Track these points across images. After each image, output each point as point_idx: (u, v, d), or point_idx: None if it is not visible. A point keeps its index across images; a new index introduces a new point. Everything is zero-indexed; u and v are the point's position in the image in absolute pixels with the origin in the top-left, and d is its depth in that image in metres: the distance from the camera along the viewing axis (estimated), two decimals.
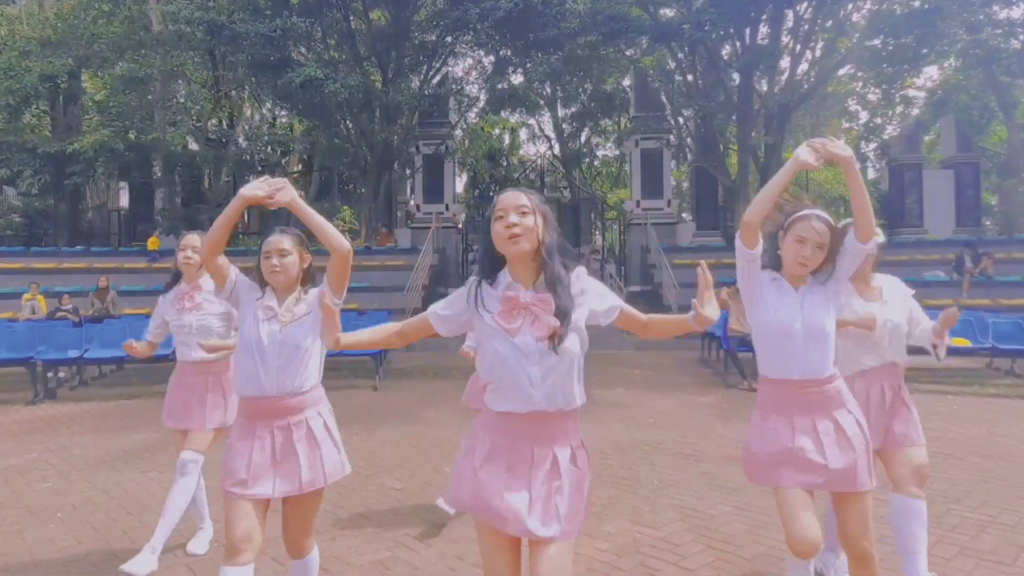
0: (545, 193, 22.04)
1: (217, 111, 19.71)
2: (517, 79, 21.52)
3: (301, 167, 27.26)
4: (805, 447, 2.35)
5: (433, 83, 18.62)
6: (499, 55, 17.91)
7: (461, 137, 26.06)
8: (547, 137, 30.67)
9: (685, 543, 3.69)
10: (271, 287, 2.57)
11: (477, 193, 28.68)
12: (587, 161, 30.60)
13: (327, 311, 2.18)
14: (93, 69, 18.76)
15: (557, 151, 29.08)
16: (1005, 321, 9.51)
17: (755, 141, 17.63)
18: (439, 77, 19.18)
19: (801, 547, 2.29)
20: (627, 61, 19.83)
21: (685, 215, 24.81)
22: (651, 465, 5.30)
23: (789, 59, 17.35)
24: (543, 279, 1.92)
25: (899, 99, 26.40)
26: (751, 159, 17.56)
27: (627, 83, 22.97)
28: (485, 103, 22.28)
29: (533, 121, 30.34)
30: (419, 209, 20.12)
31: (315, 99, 15.42)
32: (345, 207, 27.30)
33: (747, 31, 16.86)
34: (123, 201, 23.73)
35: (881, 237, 2.76)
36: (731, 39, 17.42)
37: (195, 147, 19.11)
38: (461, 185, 29.51)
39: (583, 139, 29.21)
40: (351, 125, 18.10)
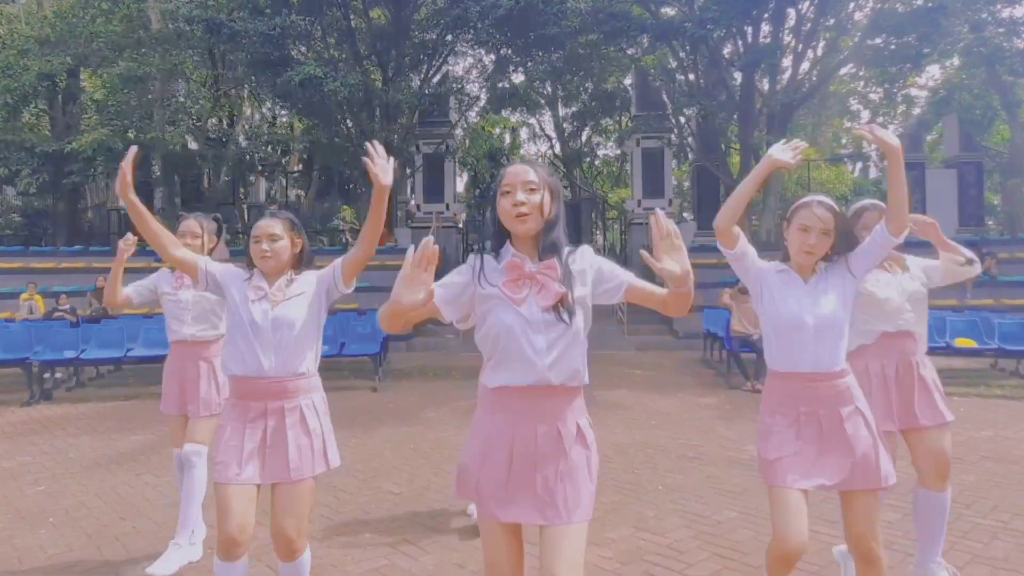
0: None
1: (216, 110, 19.63)
2: (518, 78, 21.41)
3: (301, 166, 27.20)
4: (810, 448, 2.28)
5: (433, 82, 18.52)
6: (500, 54, 17.81)
7: (461, 136, 25.95)
8: (548, 136, 30.59)
9: (690, 550, 3.61)
10: (260, 271, 2.50)
11: (477, 193, 28.60)
12: (588, 160, 30.50)
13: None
14: (92, 68, 18.67)
15: (558, 150, 28.98)
16: (1011, 322, 9.42)
17: (757, 140, 17.54)
18: (439, 76, 19.09)
19: (788, 548, 2.22)
20: (628, 60, 19.75)
21: (686, 215, 24.74)
22: (654, 468, 5.21)
23: (791, 58, 17.27)
24: (542, 245, 1.89)
25: (901, 98, 26.31)
26: (753, 159, 17.48)
27: (628, 82, 22.88)
28: (486, 102, 22.15)
29: (534, 120, 30.26)
30: (419, 209, 20.04)
31: (315, 98, 15.35)
32: (345, 207, 27.25)
33: (749, 30, 16.78)
34: (122, 200, 23.66)
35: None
36: (733, 38, 17.35)
37: (194, 146, 19.04)
38: (461, 185, 29.44)
39: (584, 138, 29.12)
40: (351, 124, 18.01)
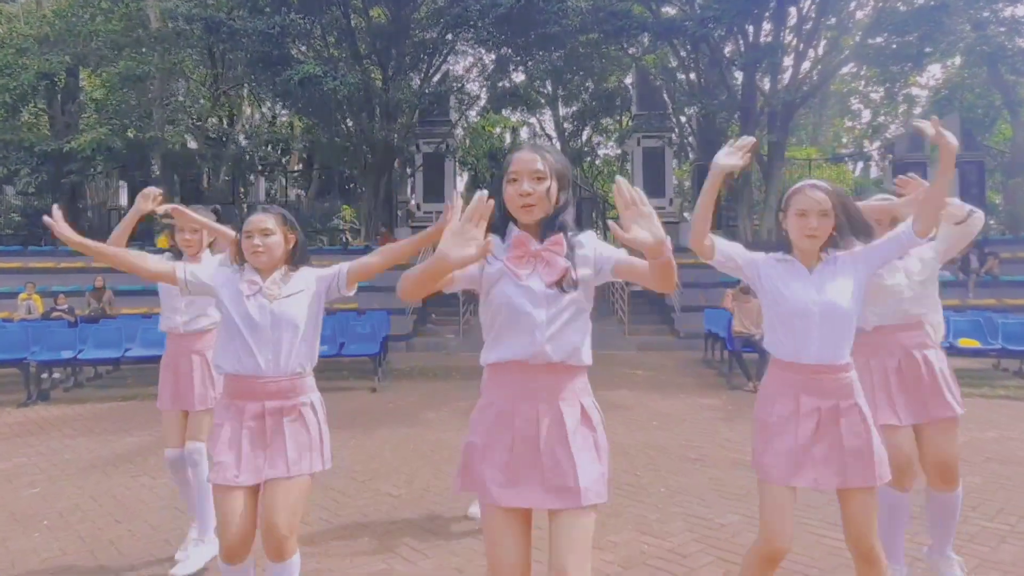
0: None
1: (216, 109, 19.60)
2: (518, 77, 21.39)
3: (301, 166, 27.16)
4: (806, 442, 2.22)
5: (433, 81, 18.48)
6: (500, 52, 17.77)
7: (462, 136, 25.93)
8: (548, 136, 30.52)
9: (694, 554, 3.55)
10: (251, 266, 2.42)
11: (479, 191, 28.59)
12: (588, 160, 30.46)
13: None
14: (91, 67, 18.64)
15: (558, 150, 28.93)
16: (1014, 322, 9.36)
17: (758, 140, 17.48)
18: (439, 75, 19.05)
19: (776, 547, 2.21)
20: (629, 59, 19.72)
21: (687, 214, 24.66)
22: (656, 470, 5.16)
23: (792, 57, 17.21)
24: (547, 227, 1.86)
25: (902, 98, 26.27)
26: (754, 158, 17.42)
27: (629, 81, 22.85)
28: (486, 101, 22.13)
29: (534, 120, 30.22)
30: (419, 208, 20.01)
31: (314, 97, 15.31)
32: (345, 206, 27.20)
33: (750, 29, 16.72)
34: (122, 200, 23.62)
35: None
36: (734, 37, 17.28)
37: (194, 145, 19.00)
38: (462, 184, 29.38)
39: (584, 138, 29.07)
40: (351, 123, 17.97)
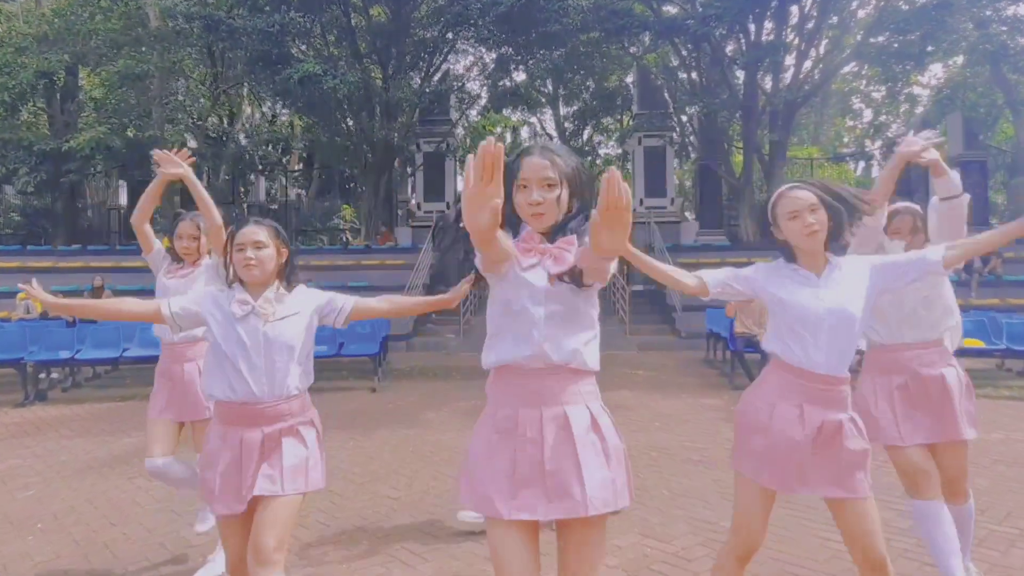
0: None
1: (216, 108, 19.54)
2: (519, 76, 21.32)
3: (301, 165, 27.10)
4: (806, 452, 2.15)
5: (434, 80, 18.41)
6: (500, 51, 17.71)
7: (462, 135, 25.88)
8: (549, 135, 30.48)
9: (699, 558, 3.49)
10: (240, 283, 2.35)
11: None
12: (589, 159, 30.38)
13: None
14: (90, 66, 18.57)
15: None
16: (1018, 322, 9.29)
17: (759, 139, 17.42)
18: (440, 74, 18.99)
19: (752, 545, 2.22)
20: (630, 58, 19.65)
21: (688, 214, 24.60)
22: (659, 473, 5.09)
23: (794, 56, 17.15)
24: (555, 230, 1.80)
25: (904, 97, 26.19)
26: (756, 157, 17.36)
27: (630, 80, 22.77)
28: (486, 100, 22.06)
29: (535, 119, 30.18)
30: (420, 208, 19.95)
31: (314, 96, 15.25)
32: (345, 205, 27.14)
33: (752, 27, 16.65)
34: (122, 199, 23.57)
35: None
36: (735, 36, 17.22)
37: (194, 144, 18.90)
38: (462, 183, 29.31)
39: (585, 137, 29.03)
40: (351, 122, 17.91)
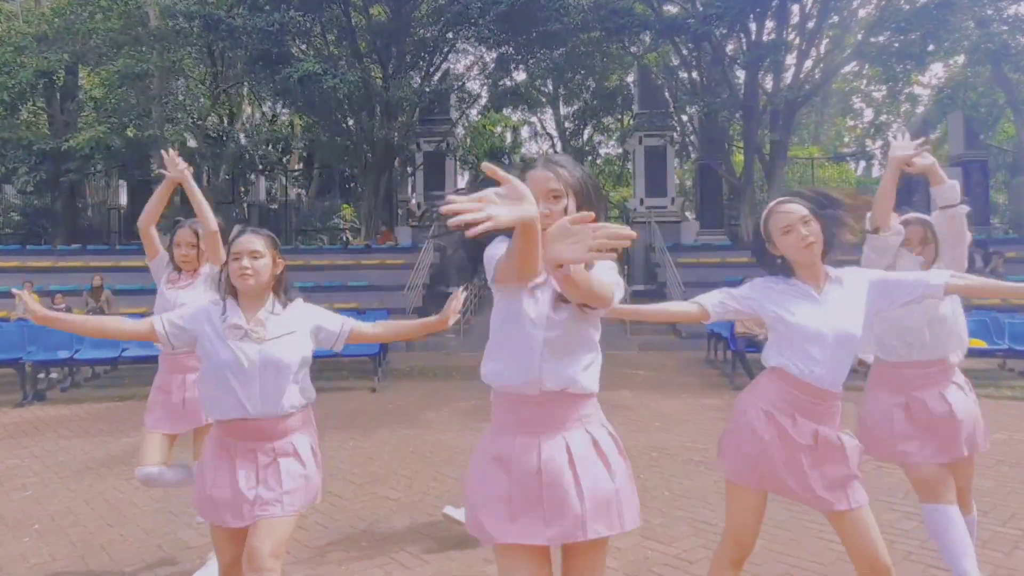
0: None
1: (216, 108, 19.52)
2: (519, 76, 21.30)
3: (301, 164, 27.07)
4: (798, 460, 2.14)
5: (434, 79, 18.38)
6: (501, 51, 17.68)
7: (462, 135, 25.84)
8: (549, 135, 30.46)
9: (700, 560, 3.46)
10: (232, 299, 2.31)
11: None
12: (590, 159, 30.34)
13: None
14: (90, 65, 18.55)
15: (559, 149, 28.83)
16: (1020, 321, 9.25)
17: (760, 139, 17.38)
18: (440, 73, 18.96)
19: (746, 548, 2.24)
20: (630, 57, 19.60)
21: (689, 213, 24.57)
22: (660, 473, 5.06)
23: (795, 55, 17.12)
24: None
25: (905, 97, 26.15)
26: (756, 157, 17.33)
27: (630, 80, 22.73)
28: (487, 100, 22.04)
29: (535, 119, 30.14)
30: (420, 207, 19.92)
31: (314, 95, 15.23)
32: (345, 205, 27.12)
33: (752, 27, 16.61)
34: (122, 199, 23.54)
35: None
36: (736, 35, 17.18)
37: (193, 144, 18.87)
38: (463, 182, 29.30)
39: (586, 136, 28.99)
40: (351, 122, 17.88)
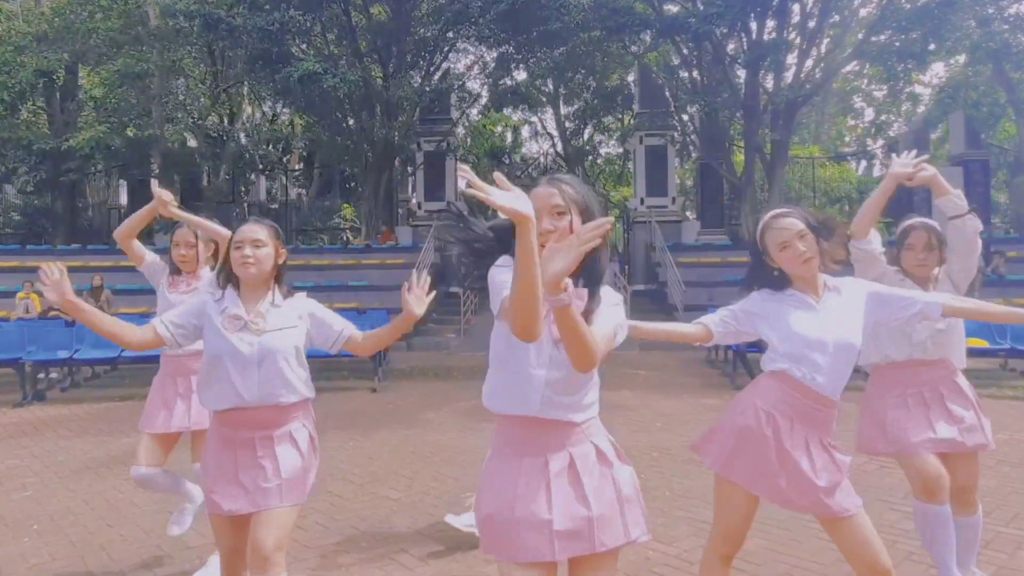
0: None
1: (216, 107, 19.49)
2: (519, 75, 21.28)
3: (301, 164, 27.06)
4: (791, 464, 2.15)
5: (434, 79, 18.35)
6: (501, 50, 17.65)
7: (463, 134, 25.81)
8: (549, 135, 30.42)
9: (700, 560, 3.44)
10: (233, 288, 2.30)
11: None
12: (590, 159, 30.32)
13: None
14: (90, 64, 18.53)
15: (560, 149, 28.80)
16: None
17: (761, 138, 17.36)
18: (440, 73, 18.93)
19: (731, 546, 2.29)
20: (631, 56, 19.57)
21: (689, 213, 24.55)
22: (661, 473, 5.05)
23: (796, 55, 17.09)
24: (578, 274, 1.60)
25: (906, 96, 26.12)
26: (757, 156, 17.30)
27: (631, 79, 22.69)
28: (487, 99, 22.02)
29: (536, 118, 30.08)
30: (420, 207, 19.90)
31: (314, 94, 15.21)
32: (346, 205, 27.11)
33: (753, 26, 16.59)
34: (122, 199, 23.53)
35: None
36: (737, 34, 17.15)
37: (194, 144, 18.87)
38: (463, 183, 29.25)
39: (586, 136, 28.93)
40: (351, 121, 17.86)
